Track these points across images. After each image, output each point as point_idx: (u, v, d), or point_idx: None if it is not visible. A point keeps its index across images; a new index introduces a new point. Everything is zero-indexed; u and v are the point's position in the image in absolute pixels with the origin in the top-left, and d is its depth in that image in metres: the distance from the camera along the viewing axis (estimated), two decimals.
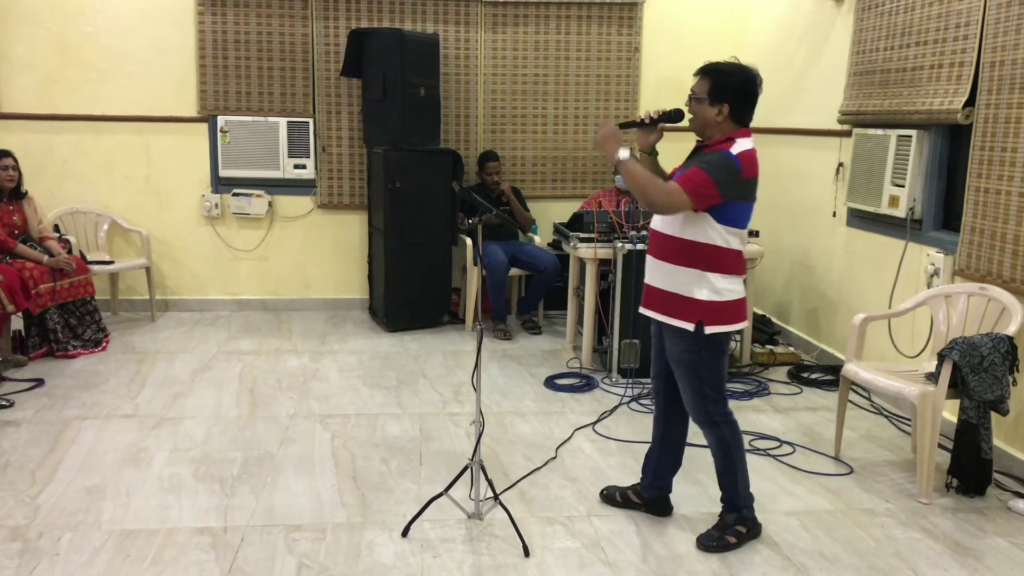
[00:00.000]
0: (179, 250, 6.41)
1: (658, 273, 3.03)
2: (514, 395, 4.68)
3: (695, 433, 4.19)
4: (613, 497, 3.39)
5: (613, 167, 3.11)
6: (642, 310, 3.13)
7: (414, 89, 5.70)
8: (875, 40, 4.74)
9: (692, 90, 2.95)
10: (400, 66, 5.61)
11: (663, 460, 3.28)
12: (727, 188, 2.84)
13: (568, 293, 5.48)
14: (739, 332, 3.33)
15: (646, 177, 2.87)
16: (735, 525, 3.12)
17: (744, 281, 3.08)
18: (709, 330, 2.91)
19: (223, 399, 4.53)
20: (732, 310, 2.95)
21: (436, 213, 5.92)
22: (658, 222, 3.02)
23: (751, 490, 3.17)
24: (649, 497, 3.32)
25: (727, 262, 2.92)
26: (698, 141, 3.03)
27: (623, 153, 2.90)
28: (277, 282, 6.53)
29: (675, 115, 3.04)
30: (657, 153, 3.11)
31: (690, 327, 2.92)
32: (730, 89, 2.90)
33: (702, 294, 2.91)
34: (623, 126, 3.17)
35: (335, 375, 4.98)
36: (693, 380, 3.00)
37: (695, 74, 2.98)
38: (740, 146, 2.87)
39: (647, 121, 3.05)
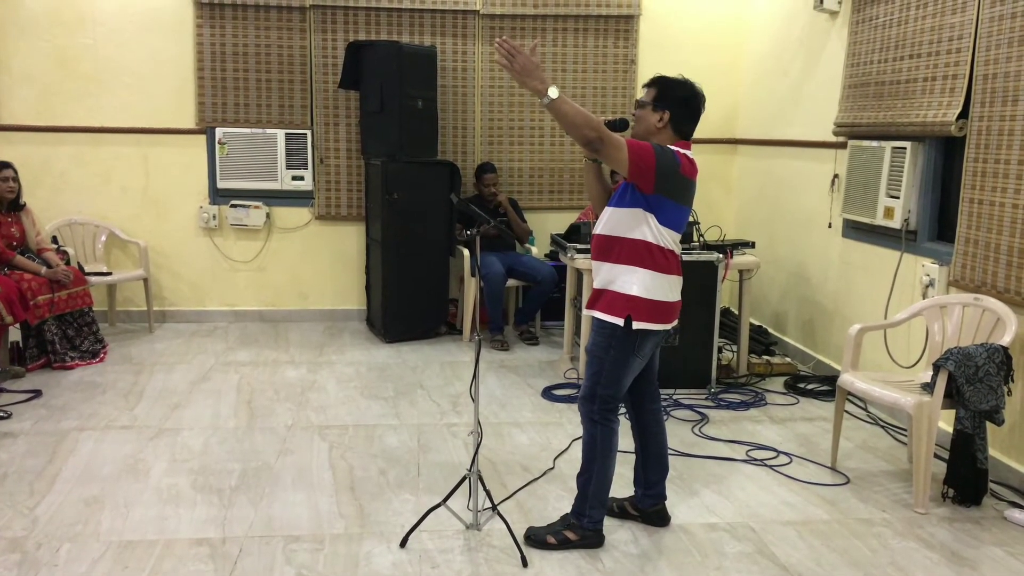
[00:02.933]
0: (177, 261, 6.42)
1: (598, 274, 3.08)
2: (512, 406, 4.69)
3: (692, 444, 4.20)
4: (610, 509, 3.38)
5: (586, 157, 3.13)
6: (586, 312, 3.16)
7: (411, 101, 5.73)
8: (870, 52, 4.78)
9: (638, 99, 3.08)
10: (398, 78, 5.64)
11: (650, 467, 3.29)
12: (663, 174, 2.88)
13: (565, 304, 5.49)
14: (727, 342, 3.33)
15: (580, 111, 2.81)
16: (565, 529, 3.14)
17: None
18: (636, 325, 2.95)
19: (221, 410, 4.53)
20: (660, 310, 2.99)
21: (433, 224, 5.94)
22: (600, 226, 3.07)
23: (607, 503, 3.18)
24: (645, 508, 3.32)
25: (659, 259, 2.96)
26: None
27: (553, 92, 2.78)
28: (275, 293, 6.54)
29: (619, 124, 3.10)
30: (601, 161, 3.13)
31: (619, 321, 2.96)
32: (672, 98, 3.00)
33: (633, 289, 2.95)
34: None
35: (333, 386, 4.98)
36: (592, 374, 3.06)
37: (644, 85, 3.11)
38: (680, 149, 2.97)
39: None
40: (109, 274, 5.98)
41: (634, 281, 2.96)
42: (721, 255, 4.86)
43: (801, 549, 3.17)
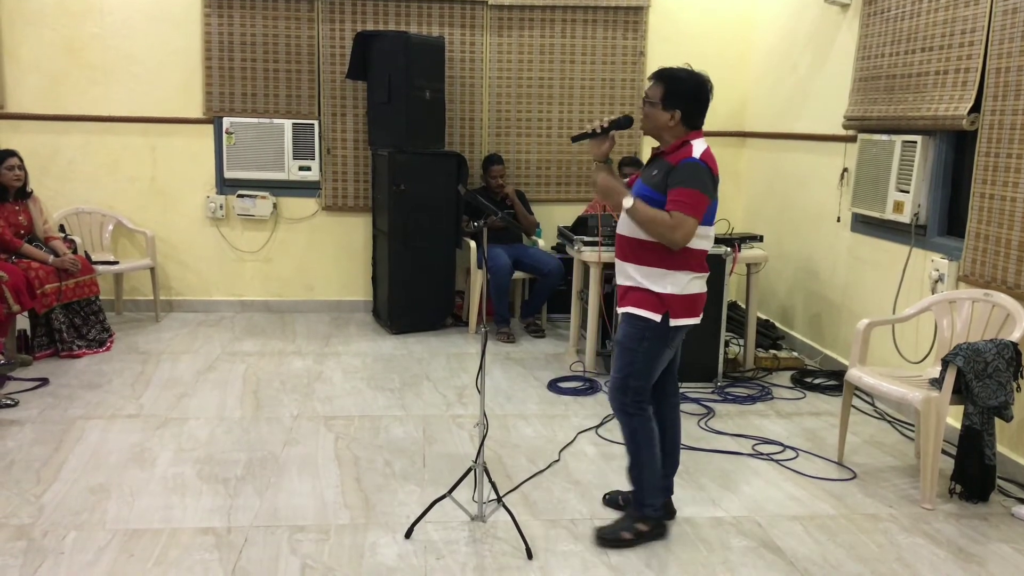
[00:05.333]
0: (183, 251, 6.42)
1: (625, 274, 3.08)
2: (517, 398, 4.69)
3: (698, 438, 4.20)
4: (616, 502, 3.39)
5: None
6: (620, 309, 3.15)
7: (419, 92, 5.71)
8: (881, 46, 4.74)
9: (645, 92, 3.05)
10: (405, 69, 5.63)
11: (661, 461, 3.28)
12: (710, 191, 2.95)
13: (572, 297, 5.49)
14: (734, 336, 3.31)
15: (657, 217, 2.92)
16: (635, 522, 3.14)
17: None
18: (674, 322, 2.99)
19: (227, 400, 4.53)
20: (693, 304, 3.03)
21: (440, 216, 5.93)
22: (623, 227, 3.07)
23: (660, 487, 3.19)
24: None
25: (692, 261, 3.00)
26: (654, 149, 3.12)
27: (627, 202, 2.96)
28: (281, 284, 6.54)
29: (624, 122, 3.10)
30: (611, 161, 3.17)
31: (656, 317, 2.97)
32: (682, 95, 2.97)
33: (667, 288, 2.98)
34: (576, 139, 3.25)
35: (339, 377, 4.98)
36: (624, 366, 3.06)
37: (649, 78, 3.07)
38: (698, 149, 2.96)
39: (598, 131, 3.11)
40: (116, 263, 5.98)
41: (667, 282, 2.98)
42: (729, 249, 4.85)
43: (807, 544, 3.16)
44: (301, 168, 6.36)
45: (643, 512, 3.14)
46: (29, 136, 6.05)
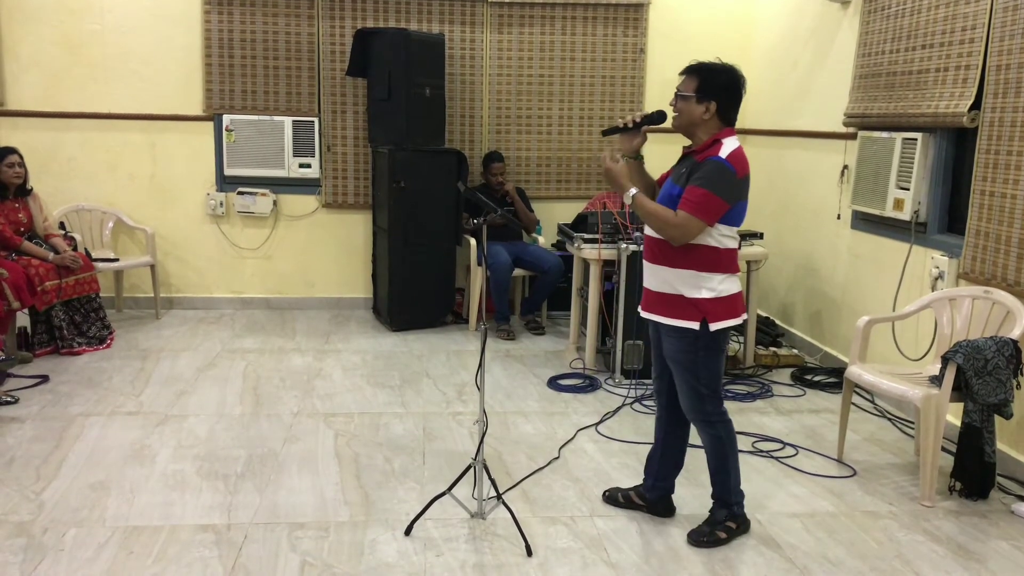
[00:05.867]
0: (184, 248, 6.42)
1: (656, 278, 3.04)
2: (517, 395, 4.69)
3: (698, 435, 4.19)
4: (615, 498, 3.40)
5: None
6: (643, 314, 3.13)
7: (419, 89, 5.71)
8: (881, 43, 4.74)
9: (678, 88, 2.98)
10: (405, 66, 5.62)
11: (666, 461, 3.29)
12: (729, 195, 2.88)
13: (572, 294, 5.48)
14: (738, 333, 3.31)
15: (657, 212, 2.91)
16: (726, 521, 3.14)
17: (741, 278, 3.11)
18: (714, 326, 2.94)
19: (227, 397, 4.53)
20: (732, 305, 2.99)
21: (440, 213, 5.92)
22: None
23: (742, 487, 3.19)
24: (652, 498, 3.32)
25: (724, 262, 2.96)
26: (685, 148, 3.05)
27: (628, 196, 2.95)
28: (281, 281, 6.54)
29: (657, 117, 3.06)
30: (642, 157, 3.13)
31: (695, 326, 2.94)
32: (717, 87, 2.92)
33: (703, 293, 2.94)
34: (606, 133, 3.21)
35: (339, 374, 4.98)
36: (689, 379, 3.02)
37: (681, 73, 3.00)
38: (728, 147, 2.89)
39: (630, 125, 3.07)
40: (116, 260, 5.99)
41: (702, 286, 2.94)
42: None
43: (807, 541, 3.16)
44: (301, 165, 6.35)
45: (732, 510, 3.15)
46: (29, 133, 6.05)
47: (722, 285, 2.95)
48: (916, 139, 4.39)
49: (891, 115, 4.58)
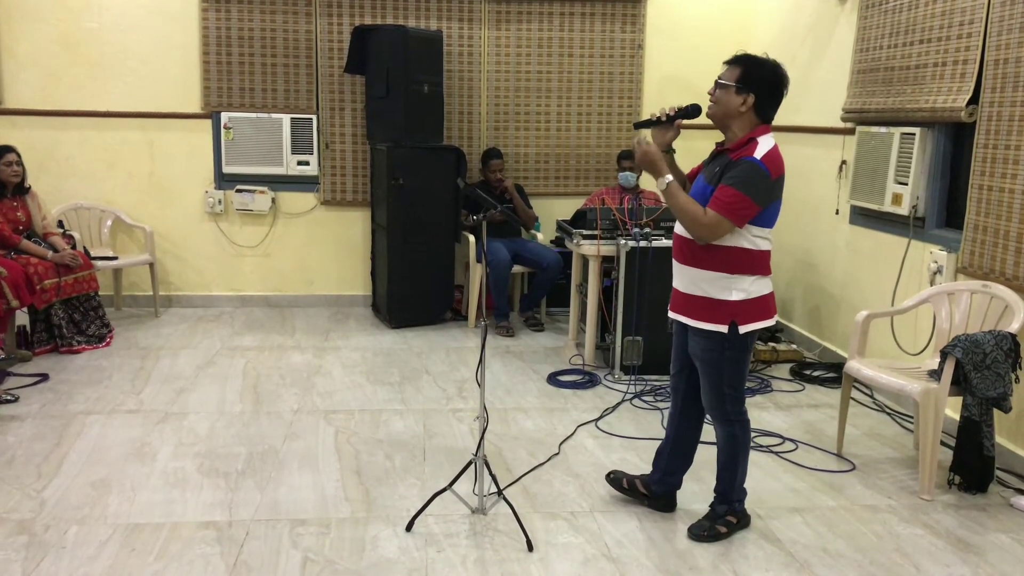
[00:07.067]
0: (182, 246, 6.42)
1: (686, 278, 2.99)
2: (517, 391, 4.70)
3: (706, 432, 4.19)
4: (619, 482, 3.38)
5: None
6: (671, 314, 3.10)
7: (417, 86, 5.70)
8: (879, 38, 4.74)
9: (719, 78, 2.90)
10: (403, 63, 5.62)
11: (675, 457, 3.29)
12: (762, 197, 2.81)
13: (571, 290, 5.49)
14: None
15: (687, 207, 2.84)
16: (726, 516, 3.15)
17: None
18: (743, 328, 2.90)
19: (227, 395, 4.54)
20: (763, 306, 2.94)
21: (439, 210, 5.92)
22: (682, 227, 2.98)
23: (745, 485, 3.20)
24: (657, 492, 3.32)
25: (757, 264, 2.90)
26: (718, 144, 2.99)
27: (663, 181, 2.87)
28: (280, 278, 6.54)
29: (691, 111, 3.01)
30: (674, 151, 3.09)
31: (723, 329, 2.90)
32: (759, 79, 2.84)
33: (733, 296, 2.89)
34: (638, 125, 3.16)
35: (338, 371, 4.99)
36: (715, 378, 3.00)
37: (725, 62, 2.92)
38: (763, 147, 2.82)
39: (663, 119, 3.01)
40: (115, 259, 5.98)
41: (732, 288, 2.88)
42: None
43: (806, 535, 3.17)
44: (300, 163, 6.35)
45: (733, 506, 3.16)
46: (27, 132, 6.04)
47: (753, 287, 2.90)
48: (914, 134, 4.39)
49: (889, 110, 4.59)
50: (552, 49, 6.42)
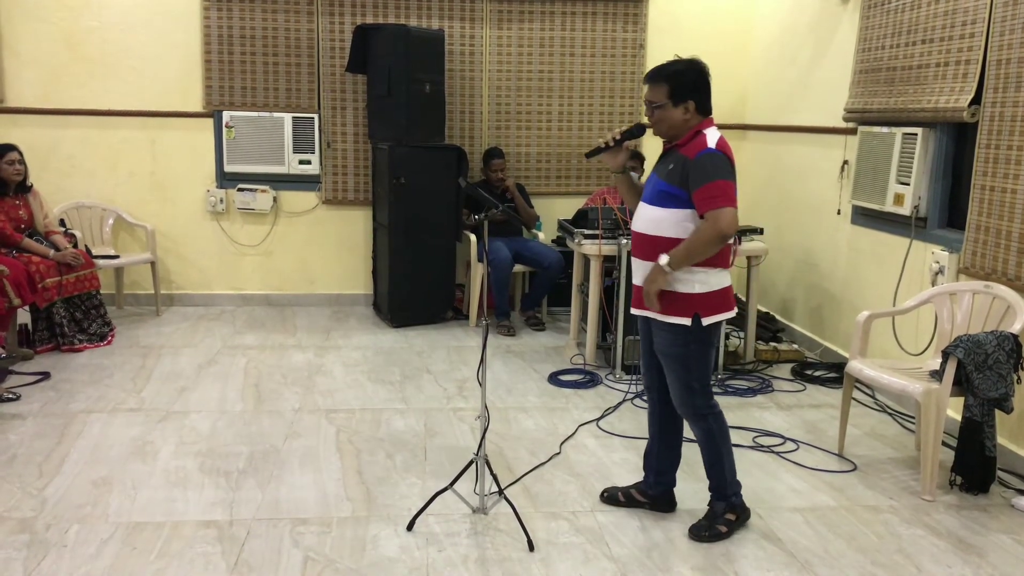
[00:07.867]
0: (184, 245, 6.42)
1: (643, 273, 3.03)
2: (518, 391, 4.70)
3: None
4: (615, 498, 3.37)
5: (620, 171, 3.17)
6: (634, 311, 3.14)
7: (419, 85, 5.70)
8: (881, 38, 4.73)
9: (648, 99, 2.98)
10: (405, 62, 5.62)
11: (663, 455, 3.29)
12: (732, 176, 2.90)
13: (572, 290, 5.49)
14: (736, 328, 3.31)
15: (693, 243, 2.87)
16: (725, 514, 3.15)
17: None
18: (707, 320, 2.95)
19: (228, 393, 4.54)
20: (724, 299, 3.00)
21: (440, 209, 5.92)
22: (640, 223, 3.03)
23: (740, 479, 3.20)
24: (655, 494, 3.32)
25: (716, 257, 2.94)
26: (665, 143, 3.05)
27: (663, 259, 2.89)
28: (281, 277, 6.54)
29: (636, 131, 3.09)
30: (643, 158, 3.16)
31: (687, 321, 2.94)
32: (688, 85, 2.92)
33: (695, 288, 2.94)
34: (589, 155, 3.24)
35: (339, 370, 4.99)
36: (681, 373, 3.03)
37: (645, 82, 3.01)
38: (712, 137, 2.91)
39: (611, 144, 3.09)
40: (116, 257, 5.99)
41: (694, 280, 2.93)
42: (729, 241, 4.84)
43: (808, 535, 3.17)
44: (301, 162, 6.35)
45: (730, 501, 3.16)
46: (28, 130, 6.04)
47: (714, 279, 2.96)
48: (916, 134, 4.39)
49: (891, 110, 4.59)
50: (554, 48, 6.42)
